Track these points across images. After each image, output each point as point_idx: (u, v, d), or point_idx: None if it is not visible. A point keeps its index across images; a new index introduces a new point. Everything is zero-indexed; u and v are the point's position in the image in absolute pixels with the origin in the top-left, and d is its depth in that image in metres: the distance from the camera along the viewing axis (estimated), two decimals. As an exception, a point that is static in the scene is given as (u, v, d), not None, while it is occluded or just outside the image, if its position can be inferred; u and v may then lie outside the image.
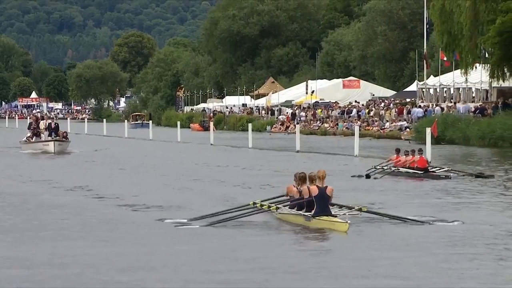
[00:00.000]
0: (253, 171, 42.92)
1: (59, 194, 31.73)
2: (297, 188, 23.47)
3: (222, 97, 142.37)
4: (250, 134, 67.86)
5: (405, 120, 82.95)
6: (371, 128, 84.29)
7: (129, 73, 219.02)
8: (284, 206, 23.63)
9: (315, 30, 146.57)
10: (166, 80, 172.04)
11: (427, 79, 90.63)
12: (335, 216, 21.96)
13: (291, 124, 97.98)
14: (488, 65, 72.23)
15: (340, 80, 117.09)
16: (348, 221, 21.04)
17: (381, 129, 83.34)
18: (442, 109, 78.42)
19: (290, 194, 23.93)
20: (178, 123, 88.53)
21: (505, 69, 68.96)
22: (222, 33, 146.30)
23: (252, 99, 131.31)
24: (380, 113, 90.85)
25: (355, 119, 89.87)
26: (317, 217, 21.84)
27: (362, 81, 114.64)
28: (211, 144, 69.80)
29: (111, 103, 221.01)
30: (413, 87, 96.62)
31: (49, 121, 63.89)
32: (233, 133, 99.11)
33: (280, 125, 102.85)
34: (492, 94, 77.56)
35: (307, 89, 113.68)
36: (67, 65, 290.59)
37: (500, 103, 72.05)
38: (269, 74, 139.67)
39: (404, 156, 38.45)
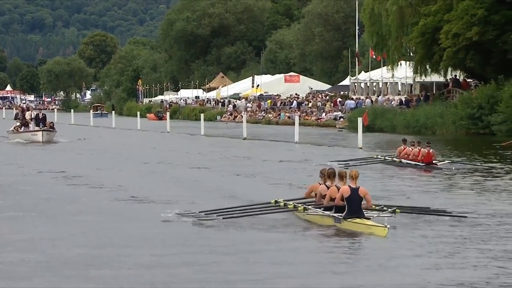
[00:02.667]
0: (207, 155, 42.79)
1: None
2: (326, 185, 19.63)
3: (177, 90, 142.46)
4: (202, 123, 68.02)
5: (339, 110, 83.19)
6: (310, 117, 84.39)
7: (94, 68, 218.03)
8: (308, 205, 19.86)
9: (260, 30, 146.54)
10: (127, 74, 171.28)
11: (358, 74, 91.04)
12: (369, 219, 18.38)
13: (238, 114, 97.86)
14: (412, 62, 72.71)
15: (282, 75, 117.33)
16: (388, 225, 17.54)
17: (318, 118, 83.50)
18: (372, 101, 78.89)
19: (315, 192, 20.08)
20: (138, 113, 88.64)
21: (427, 66, 69.31)
22: (177, 33, 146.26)
23: (204, 92, 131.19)
24: (318, 105, 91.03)
25: (296, 110, 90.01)
26: (349, 219, 18.35)
27: (301, 76, 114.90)
28: (168, 132, 69.61)
29: (78, 95, 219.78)
30: (346, 82, 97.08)
31: (36, 111, 62.46)
32: (187, 122, 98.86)
33: (229, 115, 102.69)
34: (416, 88, 78.00)
35: (253, 83, 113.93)
36: (38, 61, 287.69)
37: (422, 95, 72.53)
38: (219, 70, 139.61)
39: (411, 148, 34.19)
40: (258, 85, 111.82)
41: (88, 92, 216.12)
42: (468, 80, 70.43)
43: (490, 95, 56.83)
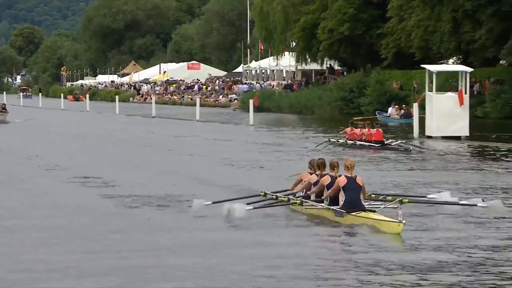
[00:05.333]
0: (123, 132, 42.10)
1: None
2: (316, 174, 15.43)
3: (96, 76, 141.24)
4: (117, 103, 67.31)
5: (234, 93, 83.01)
6: (209, 99, 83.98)
7: (23, 57, 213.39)
8: (298, 197, 15.34)
9: (166, 25, 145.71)
10: (53, 62, 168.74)
11: (250, 63, 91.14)
12: (374, 212, 14.03)
13: (148, 96, 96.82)
14: (294, 53, 73.04)
15: (185, 63, 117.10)
16: (403, 221, 12.85)
17: (216, 100, 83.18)
18: (261, 85, 79.00)
19: (304, 181, 15.67)
20: (62, 95, 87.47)
21: (307, 56, 69.79)
22: (95, 27, 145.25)
23: (118, 77, 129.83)
24: (216, 88, 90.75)
25: (197, 93, 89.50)
26: (353, 213, 13.96)
27: (202, 64, 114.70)
28: (87, 111, 68.36)
29: (9, 80, 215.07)
30: (239, 69, 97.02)
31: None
32: (104, 103, 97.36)
33: (140, 97, 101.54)
34: (298, 74, 78.45)
35: (160, 70, 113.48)
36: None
37: (303, 81, 72.91)
38: (131, 58, 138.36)
39: (359, 129, 29.94)
40: (165, 72, 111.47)
41: (18, 77, 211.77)
42: (341, 68, 71.06)
43: (359, 81, 57.28)
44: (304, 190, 15.49)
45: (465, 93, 33.66)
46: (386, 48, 59.23)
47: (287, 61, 77.93)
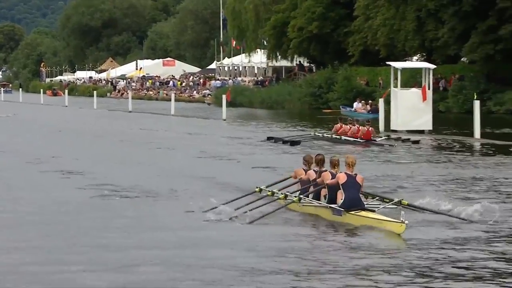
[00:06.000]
0: (100, 126, 41.78)
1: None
2: (314, 170, 14.35)
3: (74, 72, 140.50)
4: (95, 98, 67.07)
5: (207, 89, 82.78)
6: (184, 95, 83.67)
7: (4, 53, 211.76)
8: (291, 193, 14.40)
9: (142, 23, 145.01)
10: (32, 58, 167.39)
11: (223, 60, 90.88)
12: (373, 211, 13.20)
13: (125, 91, 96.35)
14: (266, 50, 73.02)
15: (160, 60, 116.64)
16: (405, 221, 12.06)
17: (190, 95, 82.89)
18: (234, 81, 78.83)
19: (300, 178, 14.66)
20: (41, 90, 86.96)
21: (278, 53, 69.80)
22: (74, 25, 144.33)
23: (96, 73, 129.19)
24: (190, 84, 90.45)
25: (172, 88, 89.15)
26: (352, 212, 13.07)
27: (176, 61, 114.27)
28: (66, 106, 67.76)
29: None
30: (213, 66, 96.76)
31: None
32: (82, 98, 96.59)
33: (117, 92, 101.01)
34: (269, 71, 78.40)
35: (136, 66, 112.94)
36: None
37: (274, 77, 72.86)
38: (109, 55, 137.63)
39: (349, 126, 29.05)
40: (141, 68, 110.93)
41: (0, 73, 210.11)
42: (310, 65, 71.10)
43: (327, 77, 57.35)
44: (300, 186, 14.42)
45: (428, 89, 33.76)
46: (353, 46, 59.36)
47: (259, 58, 77.87)
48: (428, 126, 33.16)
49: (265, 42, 72.78)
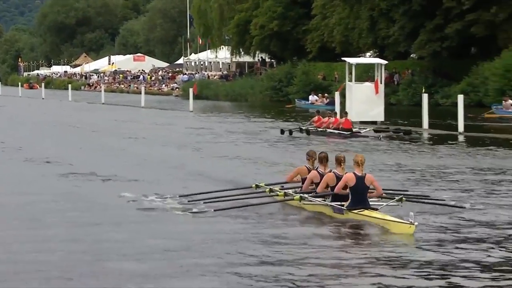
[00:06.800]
0: (79, 118, 41.33)
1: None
2: (318, 171, 12.85)
3: (50, 66, 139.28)
4: (70, 91, 66.56)
5: (175, 83, 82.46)
6: (153, 88, 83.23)
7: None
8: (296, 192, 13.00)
9: (114, 21, 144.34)
10: (11, 54, 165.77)
11: (190, 55, 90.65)
12: (376, 210, 11.72)
13: (98, 85, 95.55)
14: (230, 46, 72.91)
15: (131, 55, 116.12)
16: (415, 223, 10.67)
17: (159, 89, 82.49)
18: (200, 76, 78.65)
19: (303, 177, 13.24)
20: (19, 83, 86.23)
21: (241, 50, 69.75)
22: (50, 22, 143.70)
23: (71, 68, 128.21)
24: (159, 78, 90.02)
25: (142, 82, 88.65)
26: (354, 211, 11.70)
27: (146, 57, 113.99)
28: (43, 98, 67.02)
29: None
30: (180, 61, 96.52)
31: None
32: (58, 91, 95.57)
33: (90, 85, 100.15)
34: (233, 66, 78.30)
35: (109, 61, 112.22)
36: None
37: (238, 72, 72.79)
38: (83, 51, 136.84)
39: (327, 118, 28.00)
40: (113, 63, 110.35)
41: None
42: (271, 60, 71.12)
43: (287, 72, 57.34)
44: (303, 188, 13.02)
45: (381, 83, 33.86)
46: (311, 43, 59.50)
47: (223, 54, 77.79)
48: (380, 118, 33.23)
49: (229, 39, 72.65)
